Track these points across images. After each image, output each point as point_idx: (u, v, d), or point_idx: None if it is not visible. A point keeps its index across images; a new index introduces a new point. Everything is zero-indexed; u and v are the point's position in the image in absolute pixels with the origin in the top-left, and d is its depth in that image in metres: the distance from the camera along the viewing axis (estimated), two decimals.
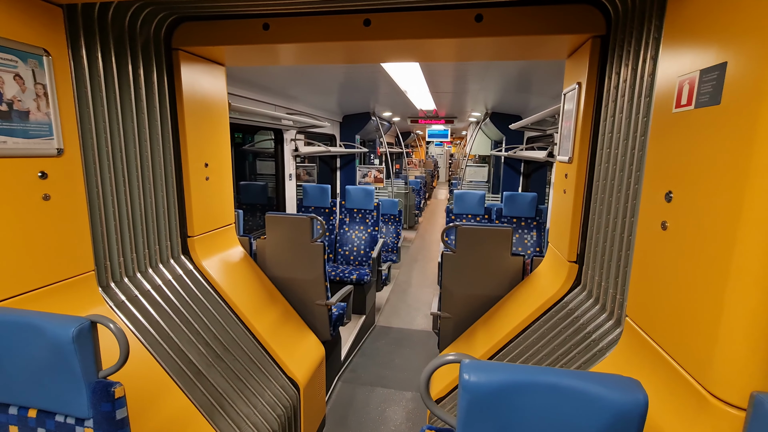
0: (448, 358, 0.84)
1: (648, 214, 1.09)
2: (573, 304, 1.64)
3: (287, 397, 1.99)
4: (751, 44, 0.73)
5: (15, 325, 0.96)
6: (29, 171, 1.23)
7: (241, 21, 1.72)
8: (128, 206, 1.64)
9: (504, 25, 1.54)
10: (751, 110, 0.72)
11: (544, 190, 5.51)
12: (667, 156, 1.00)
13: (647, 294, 1.08)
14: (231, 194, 2.30)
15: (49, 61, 1.26)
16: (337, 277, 3.85)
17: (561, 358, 1.52)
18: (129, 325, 1.51)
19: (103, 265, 1.54)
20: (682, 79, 0.94)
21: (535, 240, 4.13)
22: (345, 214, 4.46)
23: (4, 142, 1.15)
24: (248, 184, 5.13)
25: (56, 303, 1.31)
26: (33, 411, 1.01)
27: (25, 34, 1.19)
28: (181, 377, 1.56)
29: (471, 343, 2.07)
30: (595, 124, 1.57)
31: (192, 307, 1.83)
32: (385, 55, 1.94)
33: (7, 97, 1.16)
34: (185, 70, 1.85)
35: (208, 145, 2.05)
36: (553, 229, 1.97)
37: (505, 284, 2.13)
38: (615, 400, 0.72)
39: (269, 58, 2.02)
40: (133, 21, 1.59)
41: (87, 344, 0.96)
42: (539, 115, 3.33)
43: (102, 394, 0.95)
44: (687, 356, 0.89)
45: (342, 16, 1.64)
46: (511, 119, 5.34)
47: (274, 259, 2.42)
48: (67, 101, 1.34)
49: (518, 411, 0.77)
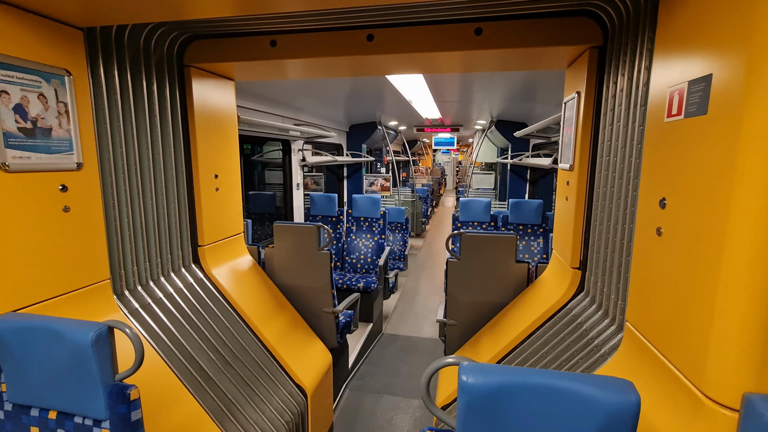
0: (447, 360, 0.87)
1: (644, 220, 1.11)
2: (576, 310, 1.65)
3: (295, 404, 2.02)
4: (733, 57, 0.76)
5: (37, 330, 1.02)
6: (51, 184, 1.30)
7: (250, 38, 1.80)
8: (142, 217, 1.70)
9: (503, 38, 1.59)
10: (735, 120, 0.75)
11: (550, 197, 5.50)
12: (661, 164, 1.03)
13: (645, 299, 1.10)
14: (240, 204, 2.36)
15: (70, 80, 1.34)
16: (345, 285, 3.88)
17: (564, 364, 1.53)
18: (142, 332, 1.56)
19: (118, 274, 1.60)
20: (672, 89, 0.97)
21: (542, 247, 4.13)
22: (352, 223, 4.51)
23: (29, 158, 1.22)
24: (257, 193, 5.21)
25: (73, 310, 1.37)
26: (53, 413, 1.06)
27: (48, 56, 1.27)
28: (191, 383, 1.60)
29: (477, 349, 2.08)
30: (595, 133, 1.60)
31: (202, 314, 1.88)
32: (388, 67, 1.99)
33: (32, 116, 1.23)
34: (196, 85, 1.93)
35: (218, 157, 2.11)
36: (556, 236, 1.99)
37: (510, 291, 2.15)
38: (608, 400, 0.74)
39: (277, 72, 2.09)
40: (148, 41, 1.67)
41: (104, 348, 1.00)
42: (543, 122, 3.36)
43: (118, 397, 1.00)
44: (682, 359, 0.91)
45: (346, 32, 1.71)
46: (517, 126, 5.37)
47: (282, 267, 2.47)
48: (86, 117, 1.41)
49: (515, 412, 0.79)
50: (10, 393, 1.07)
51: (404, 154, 11.65)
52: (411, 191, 8.96)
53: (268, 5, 1.25)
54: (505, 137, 5.94)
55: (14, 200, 1.19)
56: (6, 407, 1.09)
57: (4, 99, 1.16)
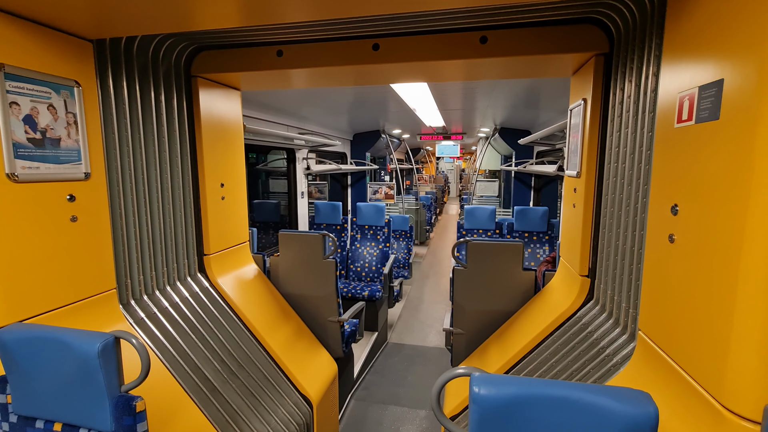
0: (458, 371, 0.85)
1: (656, 227, 1.10)
2: (586, 319, 1.63)
3: (300, 415, 1.99)
4: (746, 62, 0.76)
5: (43, 341, 1.01)
6: (59, 194, 1.30)
7: (256, 49, 1.81)
8: (149, 226, 1.70)
9: (508, 46, 1.59)
10: (749, 125, 0.74)
11: (555, 204, 5.48)
12: (672, 170, 1.02)
13: (659, 307, 1.08)
14: (245, 213, 2.36)
15: (79, 91, 1.35)
16: (349, 293, 3.86)
17: (575, 374, 1.50)
18: (148, 342, 1.56)
19: (124, 283, 1.60)
20: (682, 95, 0.97)
21: (548, 254, 4.09)
22: (356, 231, 4.50)
23: (38, 168, 1.23)
24: (262, 202, 5.23)
25: (80, 320, 1.37)
26: (58, 425, 1.05)
27: (59, 67, 1.29)
28: (197, 393, 1.59)
29: (484, 359, 2.05)
30: (602, 139, 1.59)
31: (208, 323, 1.87)
32: (393, 76, 2.00)
33: (41, 126, 1.24)
34: (203, 95, 1.94)
35: (223, 166, 2.12)
36: (564, 244, 1.97)
37: (517, 299, 2.13)
38: (625, 413, 0.72)
39: (282, 82, 2.11)
40: (156, 52, 1.69)
41: (111, 359, 1.00)
42: (547, 130, 3.35)
43: (124, 408, 0.99)
44: (700, 370, 0.89)
45: (351, 41, 1.72)
46: (521, 134, 5.38)
47: (287, 276, 2.46)
48: (94, 128, 1.42)
49: (530, 424, 0.77)
50: (16, 405, 1.06)
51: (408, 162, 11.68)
52: (415, 199, 8.96)
53: (275, 16, 1.27)
54: (509, 145, 5.94)
55: (23, 210, 1.19)
56: (11, 419, 1.08)
57: (14, 110, 1.17)
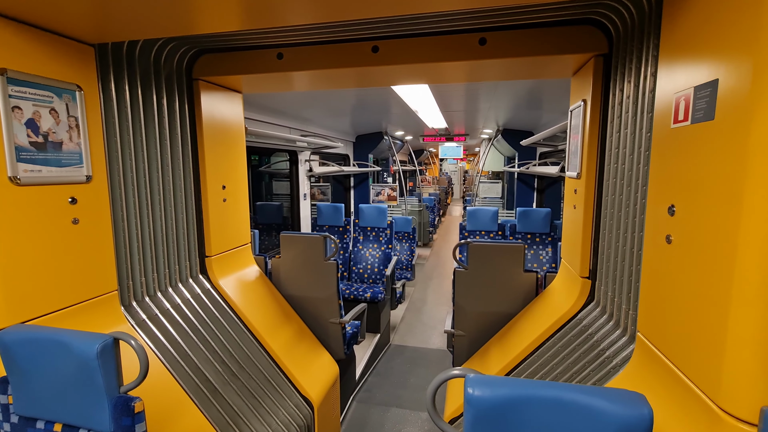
0: (453, 372, 0.85)
1: (653, 228, 1.09)
2: (587, 321, 1.62)
3: (301, 417, 1.99)
4: (740, 62, 0.75)
5: (43, 342, 1.02)
6: (61, 197, 1.32)
7: (257, 51, 1.83)
8: (150, 228, 1.72)
9: (507, 48, 1.59)
10: (743, 125, 0.74)
11: (558, 205, 5.46)
12: (668, 170, 1.01)
13: (656, 309, 1.07)
14: (247, 215, 2.37)
15: (81, 95, 1.37)
16: (351, 295, 3.87)
17: (575, 376, 1.50)
18: (149, 343, 1.57)
19: (126, 285, 1.61)
20: (678, 95, 0.96)
21: (551, 256, 4.08)
22: (359, 233, 4.51)
23: (39, 171, 1.25)
24: (264, 204, 5.25)
25: (81, 322, 1.38)
26: (58, 425, 1.06)
27: (61, 72, 1.30)
28: (197, 395, 1.60)
29: (485, 361, 2.05)
30: (602, 140, 1.59)
31: (209, 325, 1.88)
32: (393, 78, 2.01)
33: (43, 130, 1.26)
34: (205, 98, 1.96)
35: (225, 168, 2.14)
36: (565, 245, 1.96)
37: (518, 301, 2.12)
38: (619, 414, 0.72)
39: (284, 85, 2.12)
40: (158, 55, 1.71)
41: (110, 360, 1.01)
42: (549, 131, 3.35)
43: (123, 409, 1.00)
44: (696, 371, 0.88)
45: (351, 44, 1.73)
46: (523, 135, 5.37)
47: (289, 277, 2.46)
48: (96, 131, 1.44)
49: (523, 425, 0.77)
50: (17, 405, 1.07)
51: (411, 163, 11.68)
52: (418, 200, 8.96)
53: (275, 19, 1.28)
54: (512, 146, 5.93)
55: (25, 213, 1.21)
56: (13, 419, 1.10)
57: (16, 114, 1.18)
